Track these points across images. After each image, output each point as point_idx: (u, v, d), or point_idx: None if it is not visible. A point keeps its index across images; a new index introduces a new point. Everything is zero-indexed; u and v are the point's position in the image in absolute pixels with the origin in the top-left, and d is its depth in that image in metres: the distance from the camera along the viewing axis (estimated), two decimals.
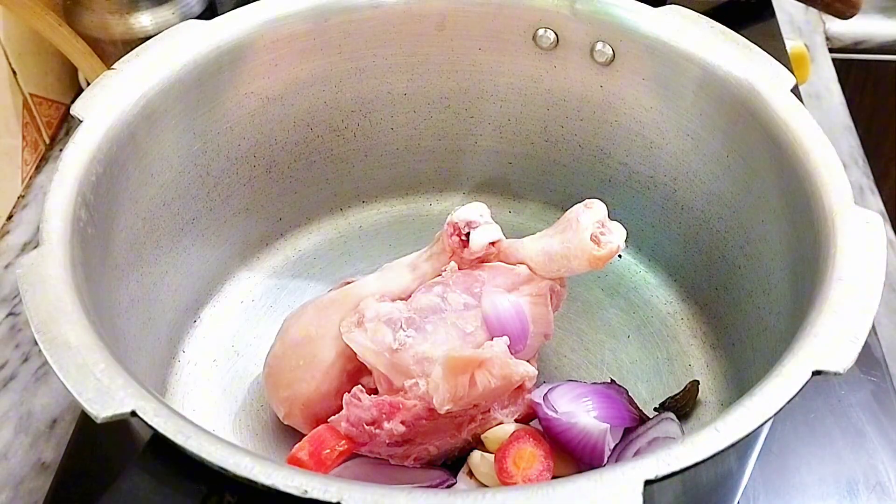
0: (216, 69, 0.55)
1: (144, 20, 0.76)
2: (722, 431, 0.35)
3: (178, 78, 0.53)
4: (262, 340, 0.58)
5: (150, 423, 0.35)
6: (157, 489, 0.35)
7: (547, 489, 0.33)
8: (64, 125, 0.83)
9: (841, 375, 0.38)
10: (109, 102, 0.50)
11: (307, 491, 0.33)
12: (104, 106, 0.49)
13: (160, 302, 0.55)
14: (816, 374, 0.38)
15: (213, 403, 0.56)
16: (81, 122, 0.49)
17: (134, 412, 0.36)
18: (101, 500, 0.34)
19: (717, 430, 0.35)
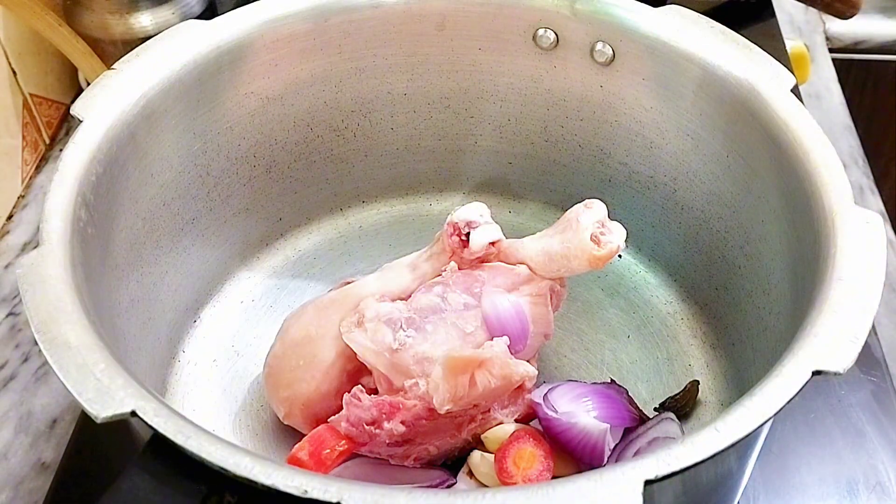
0: (216, 69, 0.55)
1: (144, 20, 0.76)
2: (722, 431, 0.35)
3: (178, 78, 0.53)
4: (262, 340, 0.58)
5: (150, 423, 0.35)
6: (157, 489, 0.35)
7: (547, 489, 0.33)
8: (64, 125, 0.83)
9: (841, 375, 0.38)
10: (109, 102, 0.50)
11: (307, 491, 0.33)
12: (104, 106, 0.49)
13: (160, 302, 0.55)
14: (816, 374, 0.38)
15: (213, 403, 0.56)
16: (81, 122, 0.49)
17: (134, 412, 0.36)
18: (101, 500, 0.34)
19: (717, 430, 0.35)
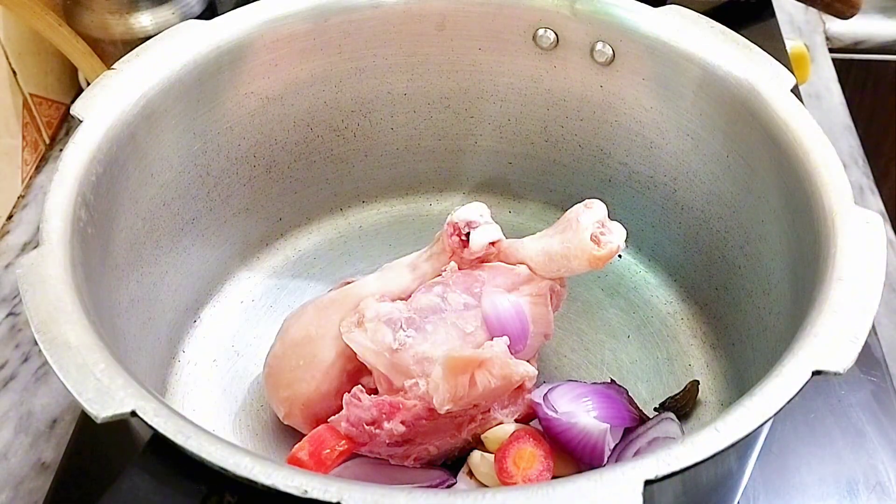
0: (216, 69, 0.55)
1: (144, 20, 0.76)
2: (722, 431, 0.35)
3: (178, 78, 0.53)
4: (262, 340, 0.58)
5: (150, 423, 0.35)
6: (157, 489, 0.35)
7: (547, 489, 0.33)
8: (64, 125, 0.83)
9: (841, 375, 0.38)
10: (109, 102, 0.50)
11: (307, 491, 0.33)
12: (104, 106, 0.49)
13: (160, 302, 0.55)
14: (816, 374, 0.38)
15: (213, 403, 0.56)
16: (81, 122, 0.49)
17: (134, 412, 0.36)
18: (101, 500, 0.34)
19: (717, 430, 0.35)
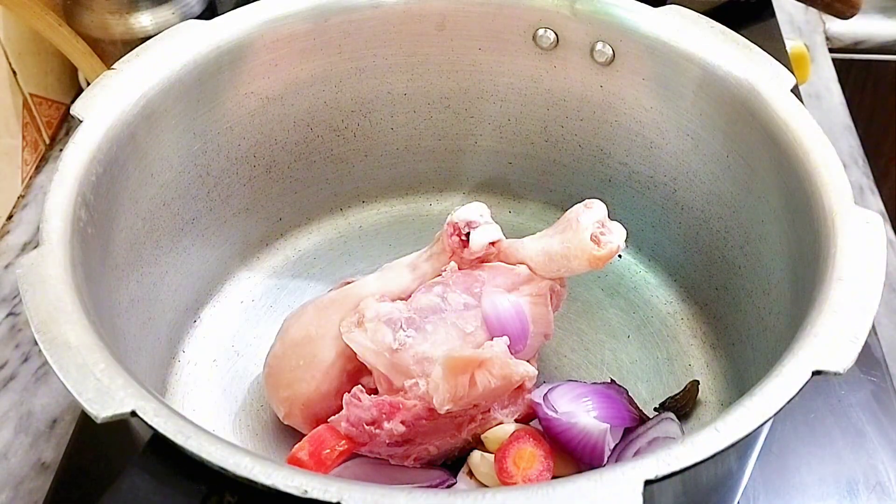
0: (216, 69, 0.55)
1: (144, 20, 0.76)
2: (722, 431, 0.35)
3: (178, 78, 0.53)
4: (262, 340, 0.58)
5: (150, 423, 0.35)
6: (157, 489, 0.35)
7: (547, 489, 0.33)
8: (64, 125, 0.83)
9: (841, 375, 0.38)
10: (109, 102, 0.50)
11: (307, 491, 0.33)
12: (104, 106, 0.49)
13: (160, 302, 0.55)
14: (816, 374, 0.38)
15: (213, 403, 0.56)
16: (81, 122, 0.49)
17: (134, 412, 0.36)
18: (101, 500, 0.34)
19: (717, 430, 0.35)
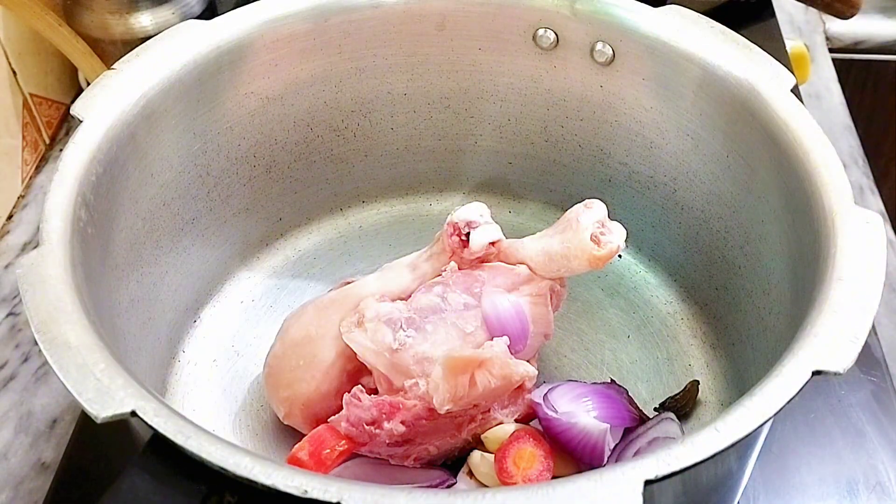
0: (216, 69, 0.55)
1: (144, 20, 0.76)
2: (722, 431, 0.35)
3: (178, 78, 0.53)
4: (262, 340, 0.58)
5: (150, 423, 0.35)
6: (157, 489, 0.35)
7: (547, 489, 0.33)
8: (64, 125, 0.83)
9: (841, 375, 0.38)
10: (109, 102, 0.50)
11: (307, 491, 0.33)
12: (104, 106, 0.49)
13: (160, 302, 0.55)
14: (816, 374, 0.38)
15: (213, 403, 0.56)
16: (81, 122, 0.49)
17: (134, 412, 0.36)
18: (101, 500, 0.34)
19: (717, 430, 0.35)
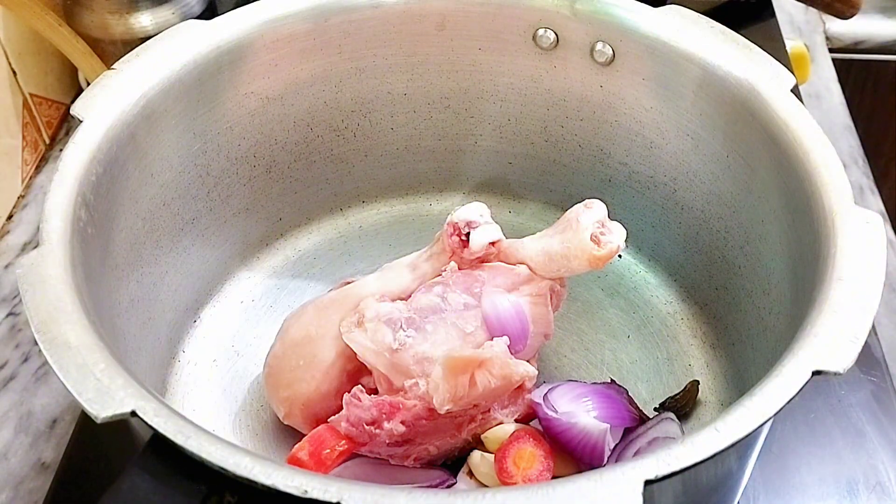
0: (216, 69, 0.55)
1: (144, 20, 0.76)
2: (722, 431, 0.35)
3: (178, 78, 0.53)
4: (262, 340, 0.58)
5: (150, 423, 0.35)
6: (157, 489, 0.35)
7: (547, 489, 0.33)
8: (64, 125, 0.83)
9: (841, 375, 0.38)
10: (109, 102, 0.50)
11: (307, 491, 0.33)
12: (104, 106, 0.49)
13: (160, 302, 0.55)
14: (816, 374, 0.38)
15: (213, 403, 0.56)
16: (81, 122, 0.49)
17: (134, 412, 0.36)
18: (101, 500, 0.34)
19: (717, 430, 0.35)
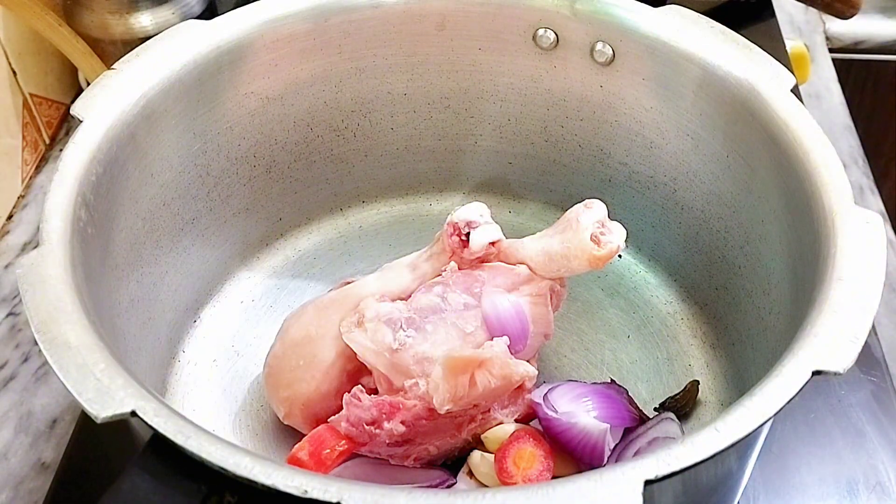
0: (216, 69, 0.55)
1: (144, 20, 0.76)
2: (722, 431, 0.35)
3: (178, 78, 0.53)
4: (262, 340, 0.58)
5: (150, 423, 0.35)
6: (157, 489, 0.35)
7: (547, 489, 0.33)
8: (64, 125, 0.83)
9: (841, 375, 0.38)
10: (109, 102, 0.50)
11: (307, 491, 0.33)
12: (104, 106, 0.49)
13: (160, 302, 0.55)
14: (816, 374, 0.38)
15: (213, 403, 0.56)
16: (81, 122, 0.49)
17: (134, 412, 0.36)
18: (101, 500, 0.34)
19: (717, 430, 0.35)
